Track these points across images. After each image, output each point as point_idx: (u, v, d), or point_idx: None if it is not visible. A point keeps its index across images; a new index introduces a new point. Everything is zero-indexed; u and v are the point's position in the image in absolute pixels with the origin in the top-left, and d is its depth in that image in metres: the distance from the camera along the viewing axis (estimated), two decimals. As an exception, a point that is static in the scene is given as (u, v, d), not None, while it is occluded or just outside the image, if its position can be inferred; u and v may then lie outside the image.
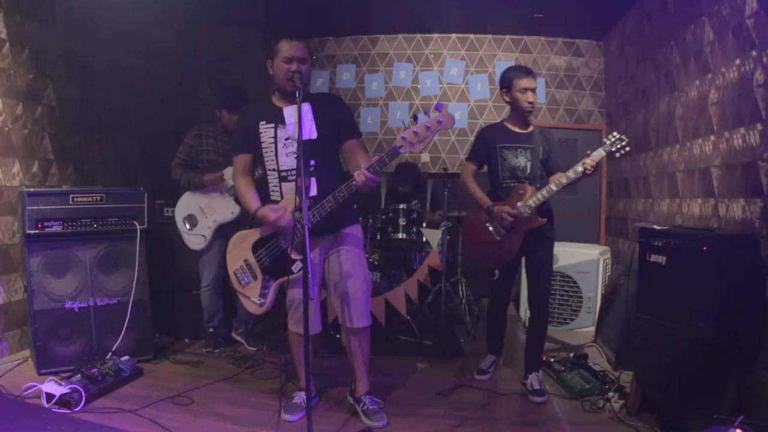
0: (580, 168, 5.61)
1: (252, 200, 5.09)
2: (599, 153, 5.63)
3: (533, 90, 6.00)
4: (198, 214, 7.19)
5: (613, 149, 5.64)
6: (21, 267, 6.56)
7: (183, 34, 8.64)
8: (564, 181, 5.69)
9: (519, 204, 5.86)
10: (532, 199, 5.82)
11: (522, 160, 6.06)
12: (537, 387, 5.95)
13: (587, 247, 8.89)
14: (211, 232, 7.13)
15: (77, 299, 6.28)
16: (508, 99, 6.14)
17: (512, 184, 6.05)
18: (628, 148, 5.65)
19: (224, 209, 7.09)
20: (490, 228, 6.08)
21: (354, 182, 4.58)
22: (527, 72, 6.05)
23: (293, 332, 5.31)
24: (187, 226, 7.21)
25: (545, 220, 5.94)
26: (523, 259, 6.31)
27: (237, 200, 6.98)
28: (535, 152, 6.05)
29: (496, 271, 6.36)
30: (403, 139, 4.39)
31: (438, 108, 4.46)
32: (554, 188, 5.74)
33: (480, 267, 6.79)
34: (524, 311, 8.68)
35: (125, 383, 5.93)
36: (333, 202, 4.72)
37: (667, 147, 7.52)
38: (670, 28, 7.53)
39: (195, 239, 7.19)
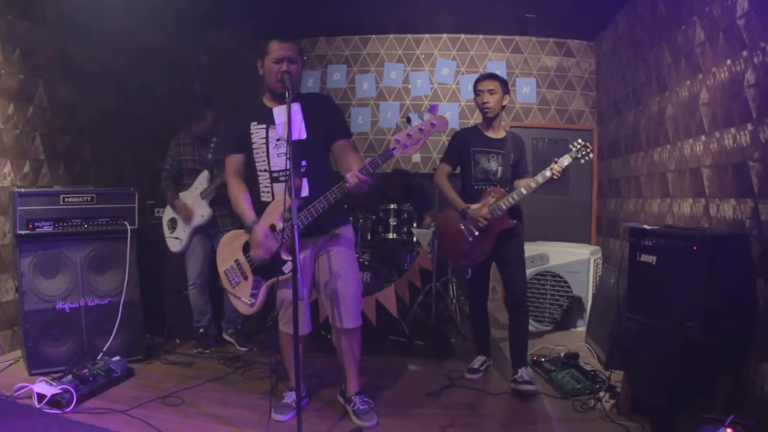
0: (548, 173, 5.87)
1: (248, 211, 5.03)
2: (566, 159, 5.90)
3: (489, 91, 6.18)
4: (178, 218, 7.30)
5: (579, 156, 5.96)
6: (12, 267, 6.55)
7: (174, 35, 8.63)
8: (533, 185, 5.94)
9: (490, 206, 6.04)
10: (503, 201, 6.02)
11: (494, 164, 6.24)
12: (527, 378, 6.03)
13: (578, 247, 8.91)
14: (187, 235, 7.20)
15: (68, 300, 6.27)
16: (475, 105, 6.39)
17: (484, 187, 6.23)
18: (591, 155, 5.99)
19: (196, 214, 7.15)
20: (463, 228, 6.22)
21: (347, 184, 4.57)
22: (485, 75, 6.34)
23: (284, 332, 5.31)
24: (169, 230, 7.33)
25: (515, 221, 6.18)
26: (495, 258, 6.39)
27: (211, 203, 7.13)
28: (506, 157, 6.25)
29: (469, 270, 6.58)
30: (396, 141, 4.40)
31: (431, 110, 4.49)
32: (524, 192, 5.98)
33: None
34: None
35: (116, 384, 5.92)
36: (325, 203, 4.72)
37: (658, 147, 7.54)
38: (661, 29, 7.55)
39: (172, 242, 7.34)
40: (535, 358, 6.68)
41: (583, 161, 6.01)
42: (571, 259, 8.53)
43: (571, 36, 11.13)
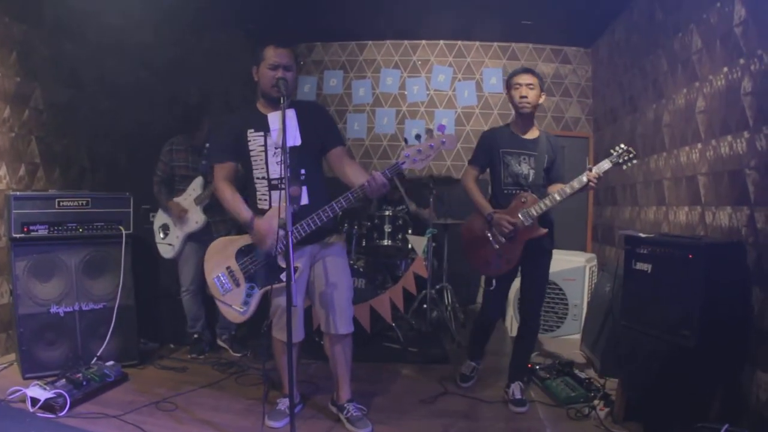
0: (584, 179, 5.52)
1: (243, 210, 5.03)
2: (606, 164, 5.58)
3: (527, 85, 5.81)
4: (170, 224, 7.27)
5: (620, 161, 5.60)
6: (6, 271, 6.53)
7: (170, 39, 8.61)
8: (568, 191, 5.62)
9: (520, 212, 5.75)
10: (534, 207, 5.71)
11: (525, 167, 5.92)
12: (519, 396, 5.93)
13: (573, 255, 8.90)
14: (180, 240, 7.17)
15: (62, 304, 6.26)
16: (509, 100, 6.02)
17: (514, 191, 5.92)
18: (636, 161, 5.66)
19: (190, 220, 7.11)
20: (489, 236, 5.90)
21: (366, 183, 4.54)
22: (524, 69, 5.96)
23: (277, 339, 5.30)
24: (161, 235, 7.30)
25: (546, 230, 5.84)
26: (520, 269, 6.13)
27: (205, 210, 7.09)
28: (539, 160, 5.91)
29: (493, 281, 6.14)
30: (406, 156, 4.42)
31: (440, 129, 4.48)
32: (558, 198, 5.65)
33: (466, 274, 6.76)
34: (510, 319, 8.69)
35: (110, 388, 5.92)
36: (337, 208, 4.73)
37: (654, 155, 7.54)
38: (657, 36, 7.55)
39: (164, 248, 7.30)
40: (530, 365, 6.64)
41: (625, 167, 5.67)
42: (566, 267, 8.52)
43: (567, 43, 11.15)
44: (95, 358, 6.28)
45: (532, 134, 6.01)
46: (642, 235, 5.43)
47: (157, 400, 5.67)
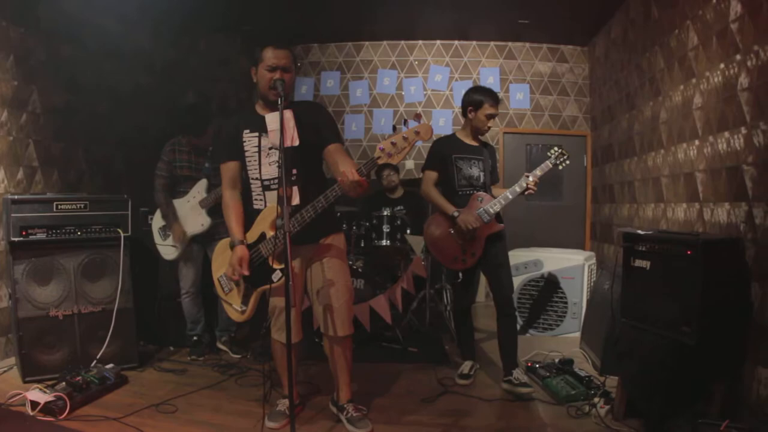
0: (524, 184, 6.15)
1: (236, 229, 5.04)
2: (546, 165, 6.21)
3: (495, 117, 6.35)
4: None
5: (557, 162, 6.21)
6: (5, 275, 6.52)
7: (168, 42, 8.63)
8: (518, 190, 6.17)
9: (478, 210, 6.15)
10: (490, 205, 6.16)
11: (476, 170, 6.37)
12: (524, 379, 6.08)
13: (572, 253, 8.89)
14: (182, 243, 7.13)
15: (61, 307, 6.25)
16: (470, 116, 6.38)
17: (468, 192, 6.34)
18: (567, 162, 6.27)
19: (195, 222, 7.07)
20: (453, 232, 6.29)
21: (340, 181, 4.52)
22: (497, 100, 6.33)
23: (276, 340, 5.30)
24: (162, 237, 7.24)
25: (502, 225, 6.35)
26: (481, 263, 6.43)
27: (209, 212, 7.05)
28: (486, 163, 6.40)
29: (460, 274, 6.66)
30: (381, 149, 4.37)
31: (416, 119, 4.46)
32: (510, 196, 6.18)
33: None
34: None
35: (110, 391, 5.90)
36: (312, 212, 4.68)
37: (652, 152, 7.55)
38: (654, 33, 7.57)
39: (166, 250, 7.23)
40: (529, 364, 6.67)
41: (561, 167, 6.21)
42: (565, 265, 8.52)
43: (564, 42, 11.17)
44: (95, 361, 6.25)
45: (477, 142, 6.52)
46: (640, 232, 5.43)
47: (157, 402, 5.65)
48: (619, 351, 5.70)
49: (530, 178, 6.07)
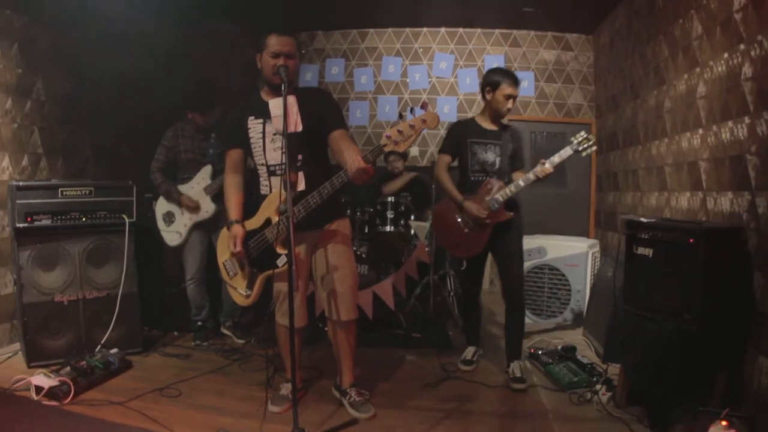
0: (539, 171, 5.80)
1: (233, 209, 5.15)
2: (567, 151, 5.83)
3: (515, 98, 6.13)
4: (176, 212, 7.26)
5: (580, 148, 5.83)
6: (10, 261, 6.55)
7: (173, 29, 8.62)
8: (532, 178, 5.87)
9: (487, 198, 6.04)
10: (500, 193, 5.99)
11: (491, 155, 6.19)
12: (519, 375, 6.05)
13: (576, 240, 8.90)
14: (187, 229, 7.18)
15: (66, 292, 6.28)
16: (488, 98, 6.20)
17: (481, 178, 6.20)
18: (594, 148, 5.85)
19: (201, 209, 7.13)
20: (459, 220, 6.24)
21: (348, 170, 4.53)
22: (516, 81, 6.13)
23: (280, 324, 5.34)
24: (165, 223, 7.27)
25: (512, 214, 6.11)
26: (491, 251, 6.40)
27: (213, 199, 7.09)
28: (504, 149, 6.19)
29: (464, 262, 6.70)
30: (387, 137, 4.38)
31: (423, 107, 4.47)
32: (522, 184, 5.92)
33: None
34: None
35: (114, 376, 5.93)
36: (317, 198, 4.72)
37: (656, 141, 7.55)
38: (658, 23, 7.56)
39: (171, 236, 7.28)
40: (532, 350, 6.69)
41: (583, 154, 5.85)
42: (569, 253, 8.53)
43: (569, 30, 11.13)
44: (99, 346, 6.29)
45: (497, 125, 6.29)
46: (643, 219, 5.44)
47: (160, 386, 5.69)
48: (621, 338, 5.71)
49: (546, 165, 5.81)
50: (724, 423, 4.03)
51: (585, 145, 5.82)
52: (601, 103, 10.75)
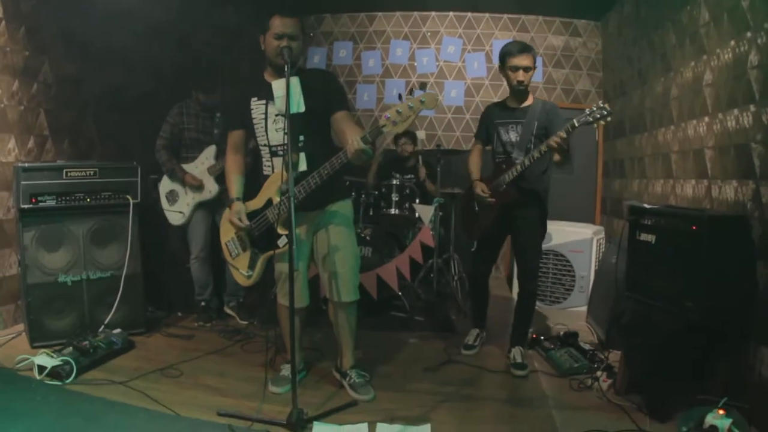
0: (543, 147, 5.60)
1: (233, 188, 5.22)
2: (575, 122, 5.42)
3: (524, 69, 5.91)
4: (179, 191, 7.29)
5: (591, 119, 5.40)
6: (15, 242, 6.56)
7: (179, 11, 8.60)
8: (536, 155, 5.69)
9: (497, 179, 6.02)
10: (506, 174, 5.92)
11: (513, 135, 6.09)
12: (519, 360, 6.07)
13: (581, 227, 8.91)
14: (190, 208, 7.21)
15: (70, 273, 6.30)
16: (503, 75, 6.14)
17: (502, 159, 6.13)
18: (609, 119, 5.44)
19: (204, 189, 7.16)
20: (474, 201, 6.27)
21: (347, 152, 4.56)
22: (521, 49, 5.94)
23: (281, 305, 5.39)
24: (169, 203, 7.30)
25: (516, 195, 6.00)
26: (511, 238, 6.39)
27: (217, 179, 7.11)
28: (527, 126, 6.00)
29: (475, 243, 6.64)
30: (386, 118, 4.39)
31: (422, 88, 4.48)
32: (527, 162, 5.79)
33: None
34: (514, 290, 8.72)
35: (116, 356, 5.97)
36: (318, 178, 4.74)
37: (662, 128, 7.53)
38: (666, 10, 7.53)
39: (174, 215, 7.30)
40: (534, 336, 6.70)
41: (595, 125, 5.48)
42: (574, 239, 8.55)
43: (577, 16, 11.10)
44: (102, 327, 6.31)
45: (524, 102, 6.15)
46: (646, 205, 5.43)
47: (162, 366, 5.73)
48: (622, 325, 5.71)
49: (543, 148, 5.58)
50: (720, 412, 4.04)
51: (599, 115, 5.39)
52: (608, 89, 10.74)
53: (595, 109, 5.41)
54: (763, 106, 5.04)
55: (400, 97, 4.45)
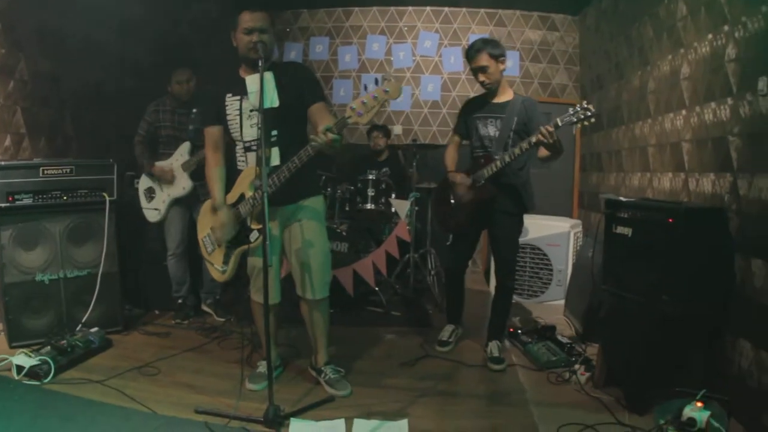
0: (533, 139, 5.48)
1: (217, 192, 5.18)
2: (563, 119, 5.38)
3: (480, 70, 5.93)
4: (156, 188, 7.28)
5: (575, 119, 5.36)
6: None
7: (157, 8, 8.57)
8: (517, 152, 5.65)
9: (475, 174, 5.98)
10: (485, 169, 5.88)
11: (491, 130, 6.05)
12: (496, 354, 6.07)
13: (558, 220, 8.93)
14: (165, 205, 7.19)
15: (47, 271, 6.26)
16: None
17: (480, 154, 6.10)
18: (593, 119, 5.40)
19: (177, 185, 7.14)
20: (450, 194, 6.23)
21: (312, 143, 4.54)
22: (472, 53, 5.96)
23: (255, 301, 5.37)
24: (146, 200, 7.30)
25: (494, 191, 5.95)
26: (487, 232, 6.38)
27: (191, 175, 7.11)
28: (506, 121, 5.97)
29: (450, 236, 6.61)
30: (351, 109, 4.39)
31: (385, 78, 4.47)
32: (507, 159, 5.73)
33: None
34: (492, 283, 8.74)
35: (94, 354, 5.94)
36: (286, 172, 4.74)
37: (640, 121, 7.55)
38: (643, 4, 7.54)
39: (150, 213, 7.30)
40: (511, 329, 6.71)
41: (580, 125, 5.39)
42: (551, 232, 8.56)
43: (555, 10, 11.12)
44: (80, 325, 6.27)
45: (504, 98, 6.11)
46: (622, 198, 5.44)
47: (140, 365, 5.71)
48: (599, 318, 5.73)
49: (533, 139, 5.46)
50: (699, 404, 4.05)
51: (582, 116, 5.34)
52: (585, 83, 10.77)
53: (579, 109, 5.36)
54: (740, 99, 5.05)
55: (365, 88, 4.45)
